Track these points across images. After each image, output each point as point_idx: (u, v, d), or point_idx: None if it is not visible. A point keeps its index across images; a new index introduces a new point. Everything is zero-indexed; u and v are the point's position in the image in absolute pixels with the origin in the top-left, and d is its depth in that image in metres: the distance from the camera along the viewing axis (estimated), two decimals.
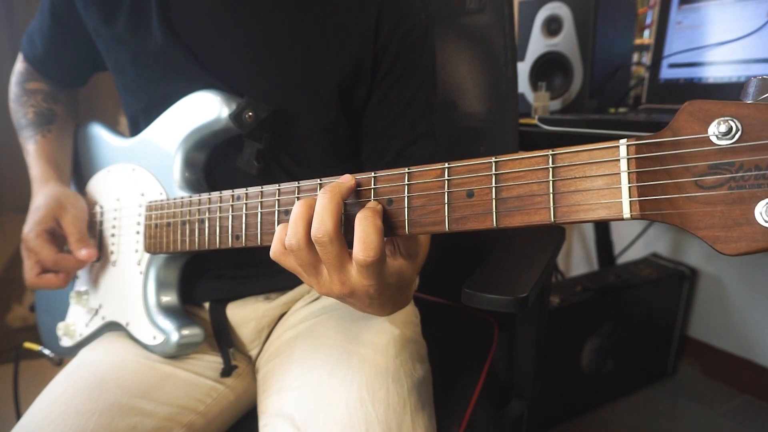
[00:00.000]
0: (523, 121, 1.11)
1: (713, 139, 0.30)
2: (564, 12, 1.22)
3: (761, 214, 0.28)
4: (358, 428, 0.51)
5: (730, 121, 0.29)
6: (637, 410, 1.46)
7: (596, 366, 1.41)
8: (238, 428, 0.70)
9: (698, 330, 1.63)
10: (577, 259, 2.02)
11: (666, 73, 1.12)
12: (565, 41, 1.23)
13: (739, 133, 0.29)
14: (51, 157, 0.75)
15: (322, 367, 0.58)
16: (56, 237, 0.68)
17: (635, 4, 1.39)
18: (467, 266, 0.86)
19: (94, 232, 0.74)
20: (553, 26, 1.25)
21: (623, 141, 0.33)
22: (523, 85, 1.31)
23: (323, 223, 0.40)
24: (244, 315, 0.71)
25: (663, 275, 1.49)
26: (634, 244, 1.68)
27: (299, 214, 0.42)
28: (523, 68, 1.31)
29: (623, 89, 1.32)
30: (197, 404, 0.65)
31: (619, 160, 0.33)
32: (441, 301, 0.97)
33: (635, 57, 1.41)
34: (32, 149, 0.75)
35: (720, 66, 1.02)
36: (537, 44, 1.28)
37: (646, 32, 1.46)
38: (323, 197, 0.41)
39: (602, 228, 1.70)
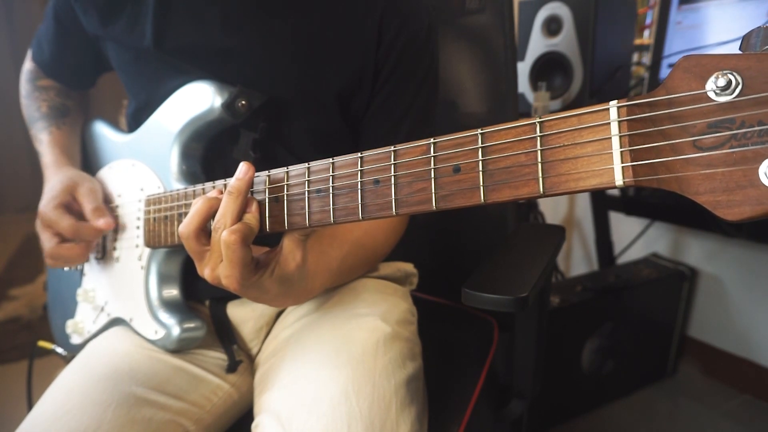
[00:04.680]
0: None
1: (711, 95, 0.27)
2: (564, 12, 1.22)
3: (766, 174, 0.26)
4: (340, 423, 0.51)
5: (729, 75, 0.27)
6: (637, 410, 1.46)
7: (596, 366, 1.41)
8: (239, 427, 0.70)
9: (698, 330, 1.63)
10: (577, 259, 2.02)
11: (666, 73, 1.12)
12: (565, 41, 1.23)
13: (740, 86, 0.26)
14: (64, 147, 0.76)
15: (311, 364, 0.58)
16: (72, 211, 0.68)
17: (635, 4, 1.39)
18: (467, 266, 0.86)
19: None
20: (553, 26, 1.25)
21: (613, 102, 0.31)
22: (523, 85, 1.31)
23: (187, 225, 0.48)
24: (244, 314, 0.72)
25: (663, 275, 1.49)
26: (634, 244, 1.68)
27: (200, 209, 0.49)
28: (523, 68, 1.31)
29: (623, 89, 1.32)
30: (205, 402, 0.65)
31: (609, 123, 0.31)
32: (441, 301, 0.97)
33: (635, 57, 1.41)
34: (46, 139, 0.77)
35: None
36: (537, 44, 1.29)
37: (646, 32, 1.46)
38: (196, 202, 0.49)
39: (602, 228, 1.70)
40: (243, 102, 0.60)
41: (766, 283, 1.45)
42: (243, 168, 0.48)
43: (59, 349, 0.83)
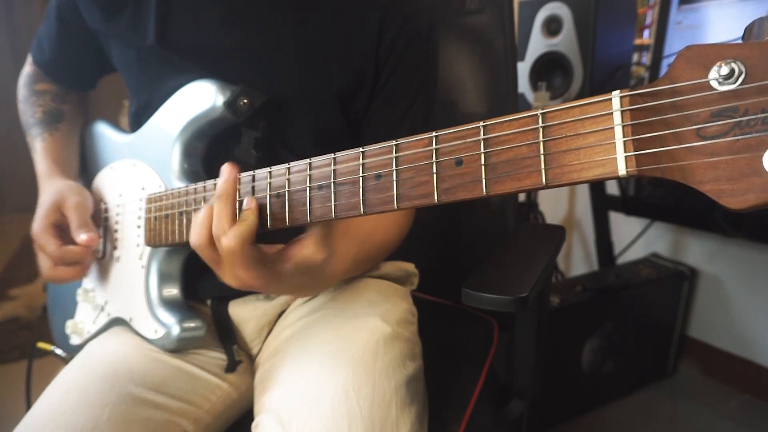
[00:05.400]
0: None
1: (714, 84, 0.28)
2: (564, 12, 1.22)
3: None
4: (341, 423, 0.51)
5: (732, 64, 0.27)
6: (637, 410, 1.46)
7: (596, 366, 1.41)
8: (238, 427, 0.70)
9: (698, 330, 1.63)
10: (577, 259, 2.02)
11: None
12: (565, 41, 1.23)
13: (743, 75, 0.27)
14: (57, 155, 0.76)
15: (311, 364, 0.58)
16: (62, 229, 0.68)
17: (635, 4, 1.39)
18: (467, 266, 0.86)
19: (99, 224, 0.74)
20: (553, 26, 1.25)
21: (616, 92, 0.31)
22: (523, 85, 1.31)
23: (197, 236, 0.48)
24: (245, 313, 0.72)
25: (663, 275, 1.49)
26: (634, 244, 1.68)
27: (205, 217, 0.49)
28: (523, 68, 1.31)
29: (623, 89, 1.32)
30: (204, 401, 0.65)
31: (612, 113, 0.31)
32: (441, 301, 0.97)
33: (635, 57, 1.41)
34: (39, 147, 0.76)
35: None
36: (537, 44, 1.29)
37: (646, 32, 1.46)
38: (197, 213, 0.48)
39: (602, 228, 1.70)
40: (245, 101, 0.61)
41: (766, 283, 1.45)
42: (226, 170, 0.48)
43: (58, 351, 0.83)
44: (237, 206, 0.49)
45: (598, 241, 1.72)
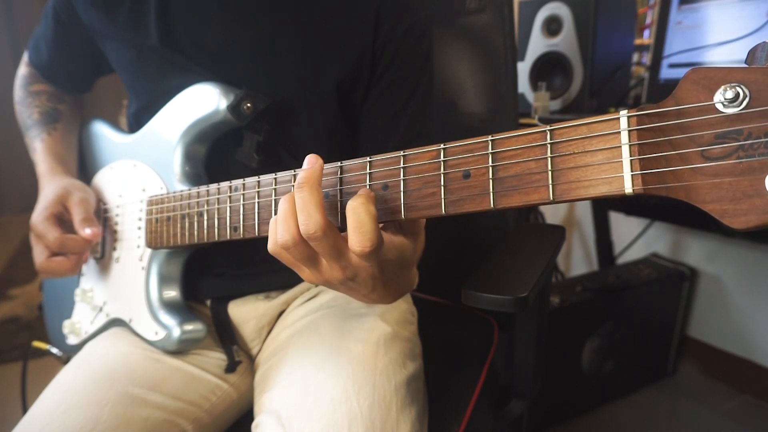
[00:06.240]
0: (523, 121, 1.11)
1: (719, 106, 0.28)
2: (564, 12, 1.22)
3: None
4: (341, 423, 0.51)
5: (737, 87, 0.27)
6: (637, 410, 1.46)
7: (596, 366, 1.41)
8: (238, 427, 0.70)
9: (698, 330, 1.63)
10: (577, 259, 2.02)
11: (666, 73, 1.12)
12: (565, 41, 1.23)
13: (747, 99, 0.27)
14: (58, 153, 0.76)
15: (311, 364, 0.59)
16: (64, 222, 0.68)
17: (635, 4, 1.39)
18: (467, 266, 0.86)
19: (99, 222, 0.74)
20: (553, 26, 1.25)
21: (623, 112, 0.32)
22: (523, 85, 1.31)
23: (311, 217, 0.39)
24: (245, 313, 0.72)
25: (663, 275, 1.49)
26: (634, 244, 1.68)
27: (288, 211, 0.41)
28: (523, 68, 1.31)
29: (623, 89, 1.32)
30: (203, 401, 0.65)
31: (619, 132, 0.32)
32: (441, 301, 0.97)
33: (635, 57, 1.41)
34: (39, 147, 0.76)
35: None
36: (537, 44, 1.29)
37: (646, 32, 1.46)
38: (302, 192, 0.40)
39: (602, 228, 1.70)
40: (248, 105, 0.60)
41: (766, 283, 1.45)
42: (311, 158, 0.43)
43: (54, 350, 0.83)
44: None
45: (598, 241, 1.72)
